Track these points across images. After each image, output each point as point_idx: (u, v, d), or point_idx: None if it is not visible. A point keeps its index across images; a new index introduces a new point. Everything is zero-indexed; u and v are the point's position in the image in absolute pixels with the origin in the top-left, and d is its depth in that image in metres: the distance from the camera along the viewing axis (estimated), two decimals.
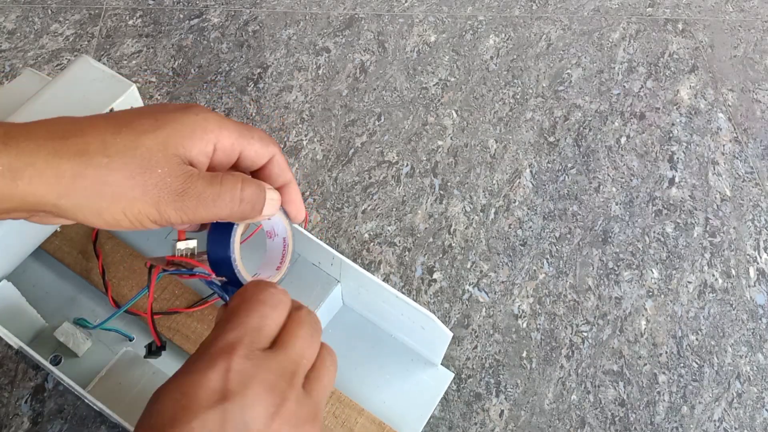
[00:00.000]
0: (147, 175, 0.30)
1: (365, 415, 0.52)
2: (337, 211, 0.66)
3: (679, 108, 0.77)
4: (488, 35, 0.82)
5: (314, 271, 0.55)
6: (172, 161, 0.30)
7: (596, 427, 0.56)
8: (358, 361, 0.55)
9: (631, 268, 0.64)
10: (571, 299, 0.62)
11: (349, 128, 0.72)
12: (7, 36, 0.77)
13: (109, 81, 0.45)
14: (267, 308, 0.32)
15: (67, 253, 0.56)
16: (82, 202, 0.29)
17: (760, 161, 0.73)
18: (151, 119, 0.31)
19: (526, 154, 0.71)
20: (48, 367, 0.48)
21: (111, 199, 0.30)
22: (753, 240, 0.67)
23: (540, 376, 0.58)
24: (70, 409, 0.53)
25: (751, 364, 0.60)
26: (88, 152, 0.29)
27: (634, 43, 0.82)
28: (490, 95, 0.76)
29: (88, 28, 0.78)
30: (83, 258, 0.56)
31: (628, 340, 0.60)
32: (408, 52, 0.79)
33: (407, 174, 0.69)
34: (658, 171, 0.71)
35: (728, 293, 0.63)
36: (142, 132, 0.30)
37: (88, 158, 0.29)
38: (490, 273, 0.63)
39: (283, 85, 0.75)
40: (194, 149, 0.31)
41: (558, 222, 0.67)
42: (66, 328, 0.52)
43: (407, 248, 0.64)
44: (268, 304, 0.32)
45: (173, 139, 0.31)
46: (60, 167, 0.29)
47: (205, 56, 0.77)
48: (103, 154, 0.29)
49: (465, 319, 0.60)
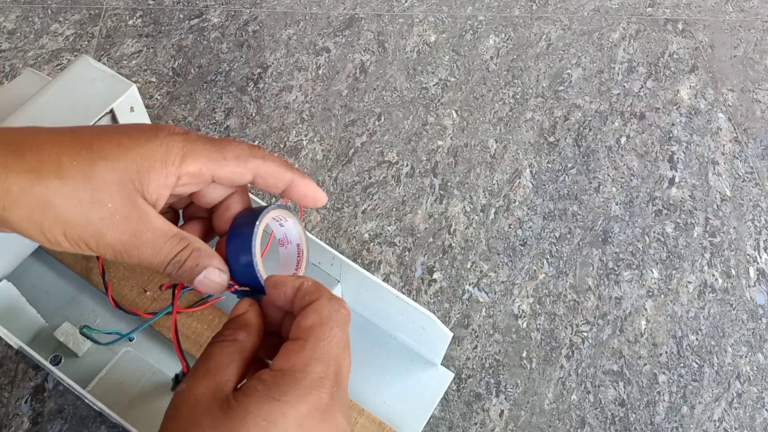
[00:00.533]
0: (95, 207, 0.29)
1: (365, 415, 0.52)
2: (337, 211, 0.66)
3: (679, 108, 0.77)
4: (488, 35, 0.82)
5: (314, 271, 0.55)
6: (125, 198, 0.30)
7: (596, 427, 0.56)
8: (358, 361, 0.55)
9: (631, 268, 0.64)
10: (571, 299, 0.62)
11: (349, 128, 0.72)
12: (7, 36, 0.77)
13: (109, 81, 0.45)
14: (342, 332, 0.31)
15: (67, 253, 0.56)
16: (25, 216, 0.29)
17: (760, 161, 0.73)
18: (113, 144, 0.30)
19: (526, 154, 0.71)
20: (48, 367, 0.48)
21: (53, 220, 0.29)
22: (753, 240, 0.67)
23: (540, 376, 0.58)
24: (70, 409, 0.53)
25: (751, 364, 0.60)
26: (41, 171, 0.28)
27: (634, 43, 0.82)
28: (490, 95, 0.76)
29: (88, 28, 0.78)
30: (83, 258, 0.56)
31: (628, 340, 0.60)
32: (408, 52, 0.79)
33: (407, 174, 0.69)
34: (658, 171, 0.71)
35: (728, 293, 0.63)
36: (101, 157, 0.29)
37: (39, 176, 0.28)
38: (490, 273, 0.63)
39: (283, 85, 0.75)
40: (152, 185, 0.30)
41: (558, 222, 0.67)
42: (66, 328, 0.52)
43: (407, 248, 0.64)
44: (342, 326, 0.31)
45: (130, 173, 0.30)
46: (8, 181, 0.28)
47: (205, 56, 0.77)
48: (55, 175, 0.28)
49: (465, 319, 0.60)
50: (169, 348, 0.52)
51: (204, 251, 0.32)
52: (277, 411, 0.28)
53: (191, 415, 0.28)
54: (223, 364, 0.30)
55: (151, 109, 0.72)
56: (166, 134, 0.31)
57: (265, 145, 0.70)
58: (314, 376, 0.29)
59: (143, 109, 0.47)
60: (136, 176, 0.30)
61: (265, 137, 0.71)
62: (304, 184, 0.35)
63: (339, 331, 0.31)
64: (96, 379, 0.51)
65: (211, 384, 0.29)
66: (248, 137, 0.70)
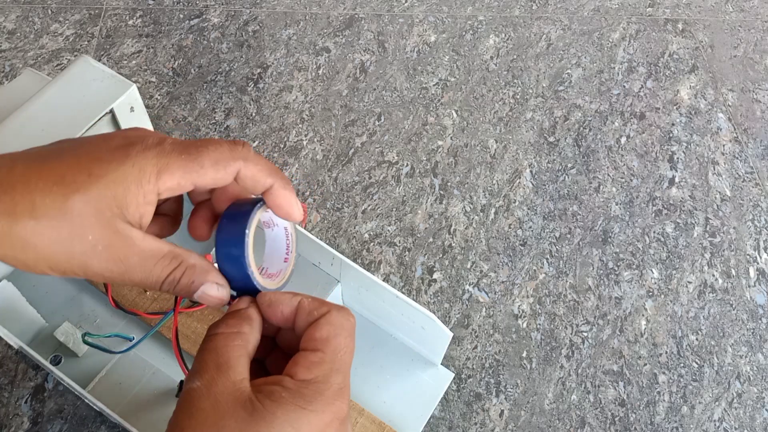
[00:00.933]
0: (75, 241, 0.29)
1: (365, 415, 0.52)
2: (337, 211, 0.66)
3: (679, 108, 0.77)
4: (488, 35, 0.82)
5: (314, 271, 0.55)
6: (104, 227, 0.29)
7: (596, 427, 0.56)
8: (358, 361, 0.55)
9: (631, 268, 0.64)
10: (571, 299, 0.62)
11: (349, 128, 0.72)
12: (7, 36, 0.77)
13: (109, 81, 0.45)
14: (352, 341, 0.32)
15: None
16: (9, 255, 0.29)
17: (760, 161, 0.73)
18: (84, 174, 0.29)
19: (526, 154, 0.71)
20: (48, 367, 0.48)
21: (35, 258, 0.29)
22: (753, 240, 0.67)
23: (540, 376, 0.58)
24: (70, 409, 0.53)
25: (751, 364, 0.60)
26: (15, 213, 0.28)
27: (634, 43, 0.82)
28: (490, 95, 0.76)
29: (88, 28, 0.78)
30: None
31: (628, 340, 0.60)
32: (408, 52, 0.79)
33: (407, 174, 0.69)
34: (658, 171, 0.71)
35: (728, 293, 0.63)
36: (74, 190, 0.29)
37: (14, 219, 0.28)
38: (490, 273, 0.63)
39: (283, 85, 0.75)
40: (130, 207, 0.30)
41: (558, 222, 0.67)
42: (66, 328, 0.52)
43: (407, 248, 0.64)
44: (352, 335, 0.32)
45: (105, 200, 0.29)
46: None
47: (205, 56, 0.77)
48: (30, 216, 0.28)
49: (465, 319, 0.60)
50: (169, 348, 0.52)
51: (199, 267, 0.32)
52: (303, 419, 0.28)
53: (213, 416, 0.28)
54: (233, 360, 0.30)
55: (151, 109, 0.72)
56: (138, 151, 0.30)
57: (265, 145, 0.70)
58: (336, 387, 0.30)
59: (143, 109, 0.47)
60: (113, 202, 0.29)
61: (265, 137, 0.71)
62: (282, 194, 0.33)
63: (351, 340, 0.32)
64: (96, 379, 0.51)
65: (228, 383, 0.29)
66: (248, 137, 0.70)
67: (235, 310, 0.33)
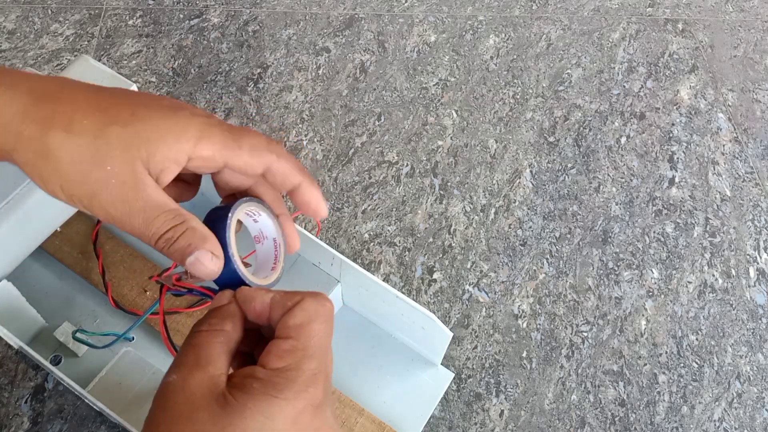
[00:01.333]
0: (93, 167, 0.29)
1: (365, 415, 0.52)
2: (337, 211, 0.66)
3: (679, 108, 0.77)
4: (488, 35, 0.82)
5: (314, 271, 0.55)
6: (126, 162, 0.30)
7: (596, 427, 0.56)
8: (358, 361, 0.55)
9: (631, 268, 0.64)
10: (571, 299, 0.62)
11: (349, 128, 0.72)
12: (7, 36, 0.77)
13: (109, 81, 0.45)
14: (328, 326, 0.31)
15: (67, 253, 0.56)
16: (29, 161, 0.30)
17: (760, 161, 0.73)
18: (128, 111, 0.30)
19: (526, 154, 0.71)
20: (48, 367, 0.48)
21: (52, 170, 0.30)
22: (753, 240, 0.67)
23: (540, 376, 0.58)
24: (70, 409, 0.53)
25: (751, 364, 0.60)
26: (52, 122, 0.29)
27: (634, 43, 0.82)
28: (490, 95, 0.76)
29: (88, 28, 0.78)
30: (83, 258, 0.56)
31: (628, 340, 0.60)
32: (408, 52, 0.79)
33: (407, 174, 0.69)
34: (658, 171, 0.71)
35: (728, 293, 0.63)
36: (112, 122, 0.30)
37: (48, 127, 0.29)
38: (490, 273, 0.63)
39: (283, 85, 0.75)
40: (157, 155, 0.30)
41: (558, 222, 0.67)
42: (66, 328, 0.52)
43: (407, 248, 0.64)
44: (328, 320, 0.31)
45: (138, 139, 0.30)
46: (22, 125, 0.29)
47: (205, 56, 0.77)
48: (64, 129, 0.29)
49: (465, 319, 0.60)
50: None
51: (199, 232, 0.32)
52: (275, 407, 0.28)
53: (187, 409, 0.28)
54: (213, 356, 0.30)
55: None
56: (188, 114, 0.31)
57: None
58: (309, 373, 0.29)
59: None
60: (144, 144, 0.30)
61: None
62: (310, 192, 0.35)
63: (326, 326, 0.31)
64: (96, 379, 0.51)
65: (205, 377, 0.29)
66: None
67: (218, 307, 0.33)
